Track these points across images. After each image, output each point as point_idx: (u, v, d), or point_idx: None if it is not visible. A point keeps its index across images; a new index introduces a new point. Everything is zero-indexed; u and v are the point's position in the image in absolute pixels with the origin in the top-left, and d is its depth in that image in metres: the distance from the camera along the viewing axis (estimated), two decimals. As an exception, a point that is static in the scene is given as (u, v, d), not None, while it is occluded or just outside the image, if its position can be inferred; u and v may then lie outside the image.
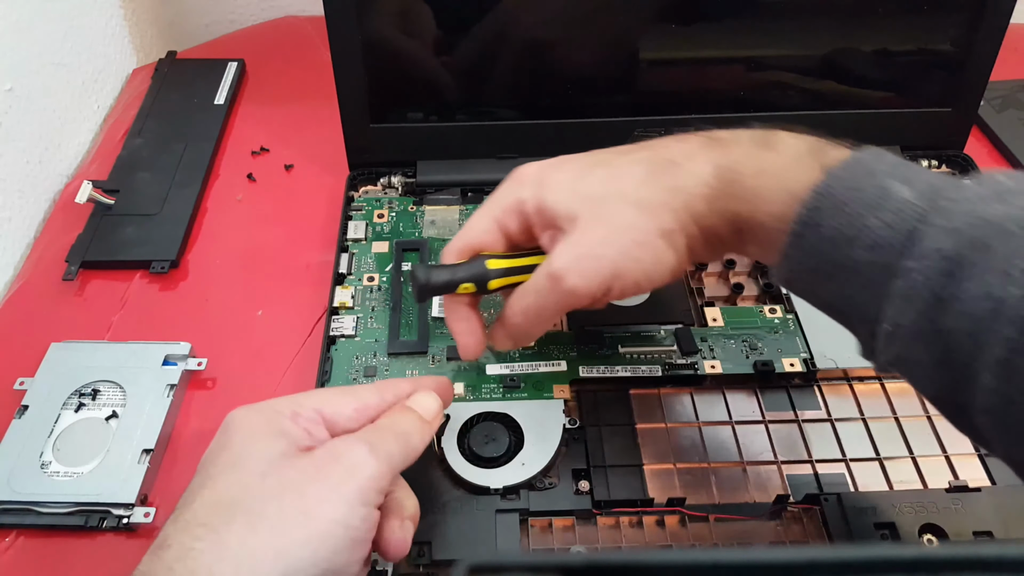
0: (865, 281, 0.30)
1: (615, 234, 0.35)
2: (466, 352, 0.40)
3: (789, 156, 0.33)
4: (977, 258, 0.27)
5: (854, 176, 0.31)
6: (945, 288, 0.27)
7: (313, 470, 0.30)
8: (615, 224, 0.35)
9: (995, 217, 0.27)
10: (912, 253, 0.28)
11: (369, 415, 0.34)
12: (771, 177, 0.33)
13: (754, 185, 0.33)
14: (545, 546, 0.39)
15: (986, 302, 0.26)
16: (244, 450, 0.31)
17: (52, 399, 0.43)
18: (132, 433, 0.42)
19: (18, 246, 0.54)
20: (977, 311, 0.26)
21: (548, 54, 0.52)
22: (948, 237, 0.28)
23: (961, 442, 0.42)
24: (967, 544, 0.38)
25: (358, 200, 0.55)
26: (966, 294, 0.27)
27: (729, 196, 0.34)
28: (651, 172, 0.35)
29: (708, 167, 0.35)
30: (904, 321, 0.28)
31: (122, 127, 0.62)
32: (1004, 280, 0.26)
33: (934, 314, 0.28)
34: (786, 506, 0.39)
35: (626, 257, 0.34)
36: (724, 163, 0.34)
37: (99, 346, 0.46)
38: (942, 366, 0.28)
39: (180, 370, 0.45)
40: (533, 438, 0.41)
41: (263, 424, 0.32)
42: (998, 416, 0.27)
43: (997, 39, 0.51)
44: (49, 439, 0.42)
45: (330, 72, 0.51)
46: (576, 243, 0.35)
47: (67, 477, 0.41)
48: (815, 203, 0.31)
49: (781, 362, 0.45)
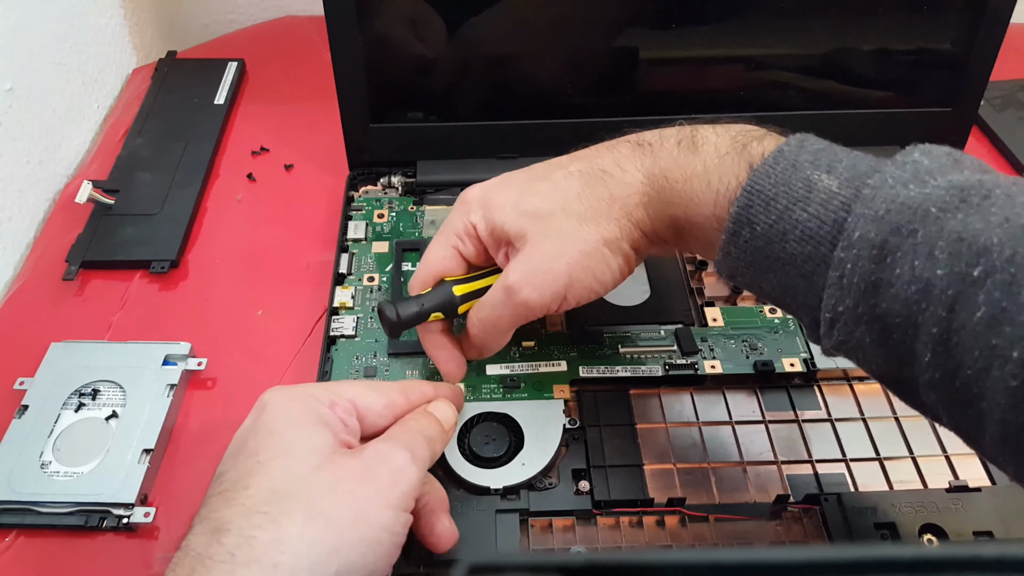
0: (802, 272, 0.31)
1: (562, 247, 0.36)
2: (449, 376, 0.42)
3: (714, 157, 0.34)
4: (903, 243, 0.28)
5: (780, 171, 0.32)
6: (875, 274, 0.28)
7: (364, 472, 0.31)
8: (561, 237, 0.37)
9: (915, 201, 0.28)
10: (841, 243, 0.29)
11: (396, 413, 0.36)
12: (699, 181, 0.34)
13: (684, 190, 0.35)
14: (545, 546, 0.39)
15: (916, 285, 0.27)
16: (294, 438, 0.32)
17: (52, 399, 0.43)
18: (132, 433, 0.42)
19: (18, 246, 0.54)
20: (908, 294, 0.28)
21: (548, 53, 0.52)
22: (873, 225, 0.29)
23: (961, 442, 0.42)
24: (967, 544, 0.38)
25: (358, 200, 0.55)
26: (897, 279, 0.28)
27: (663, 202, 0.36)
28: (587, 184, 0.37)
29: (639, 175, 0.36)
30: (842, 308, 0.30)
31: (122, 127, 0.62)
32: (930, 263, 0.27)
33: (869, 300, 0.29)
34: (786, 506, 0.39)
35: (576, 267, 0.36)
36: (654, 170, 0.36)
37: (99, 346, 0.46)
38: (884, 347, 0.29)
39: (180, 370, 0.45)
40: (533, 438, 0.41)
41: (304, 412, 0.33)
42: (941, 390, 0.28)
43: (997, 39, 0.51)
44: (49, 439, 0.42)
45: (330, 72, 0.51)
46: (527, 258, 0.37)
47: (67, 477, 0.41)
48: (745, 202, 0.32)
49: (781, 362, 0.45)
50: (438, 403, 0.37)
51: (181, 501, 0.41)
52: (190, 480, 0.42)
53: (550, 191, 0.38)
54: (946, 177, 0.29)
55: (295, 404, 0.33)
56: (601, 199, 0.37)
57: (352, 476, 0.31)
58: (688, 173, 0.35)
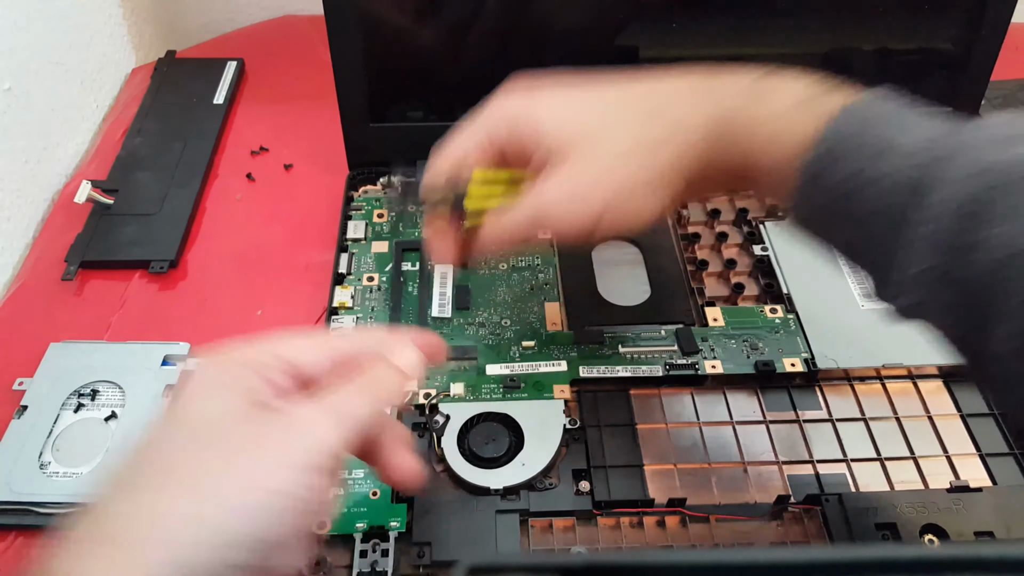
0: (877, 229, 0.30)
1: (609, 176, 0.34)
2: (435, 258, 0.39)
3: (788, 102, 0.33)
4: (990, 206, 0.27)
5: (859, 123, 0.31)
6: (961, 236, 0.28)
7: (259, 436, 0.28)
8: (610, 164, 0.34)
9: (1001, 164, 0.28)
10: (923, 202, 0.28)
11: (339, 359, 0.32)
12: (771, 126, 0.33)
13: (752, 133, 0.33)
14: (545, 547, 0.39)
15: (1006, 248, 0.27)
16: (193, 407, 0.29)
17: (51, 399, 0.43)
18: (131, 434, 0.42)
19: (17, 246, 0.54)
20: (997, 257, 0.27)
21: (548, 53, 0.52)
22: (958, 186, 0.28)
23: (962, 442, 0.42)
24: (968, 544, 0.38)
25: (358, 200, 0.55)
26: (985, 242, 0.27)
27: (727, 143, 0.34)
28: (648, 114, 0.35)
29: (706, 111, 0.34)
30: (918, 269, 0.29)
31: (121, 126, 0.62)
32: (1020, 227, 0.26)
33: (952, 261, 0.28)
34: (787, 506, 0.39)
35: (618, 199, 0.34)
36: (720, 110, 0.34)
37: (98, 346, 0.46)
38: (961, 310, 0.28)
39: (179, 371, 0.45)
40: (533, 438, 0.41)
41: (221, 380, 0.30)
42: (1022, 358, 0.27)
43: (998, 39, 0.51)
44: (48, 440, 0.42)
45: (330, 72, 0.51)
46: (568, 178, 0.34)
47: (66, 478, 0.40)
48: (821, 152, 0.31)
49: (782, 362, 0.45)
50: (402, 348, 0.33)
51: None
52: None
53: (608, 108, 0.35)
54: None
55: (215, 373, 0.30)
56: (662, 129, 0.34)
57: (246, 441, 0.28)
58: (760, 116, 0.33)
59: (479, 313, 0.48)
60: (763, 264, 0.50)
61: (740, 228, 0.53)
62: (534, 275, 0.50)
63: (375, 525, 0.38)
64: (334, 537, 0.38)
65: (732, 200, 0.55)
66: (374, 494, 0.39)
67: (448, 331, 0.47)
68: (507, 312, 0.48)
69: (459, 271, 0.50)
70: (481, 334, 0.47)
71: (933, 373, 0.45)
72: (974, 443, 0.42)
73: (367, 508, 0.39)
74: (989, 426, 0.43)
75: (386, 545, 0.37)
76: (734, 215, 0.54)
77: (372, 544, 0.37)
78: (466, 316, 0.48)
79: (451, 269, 0.50)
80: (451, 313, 0.48)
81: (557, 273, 0.50)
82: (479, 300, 0.48)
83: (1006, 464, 0.42)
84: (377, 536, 0.38)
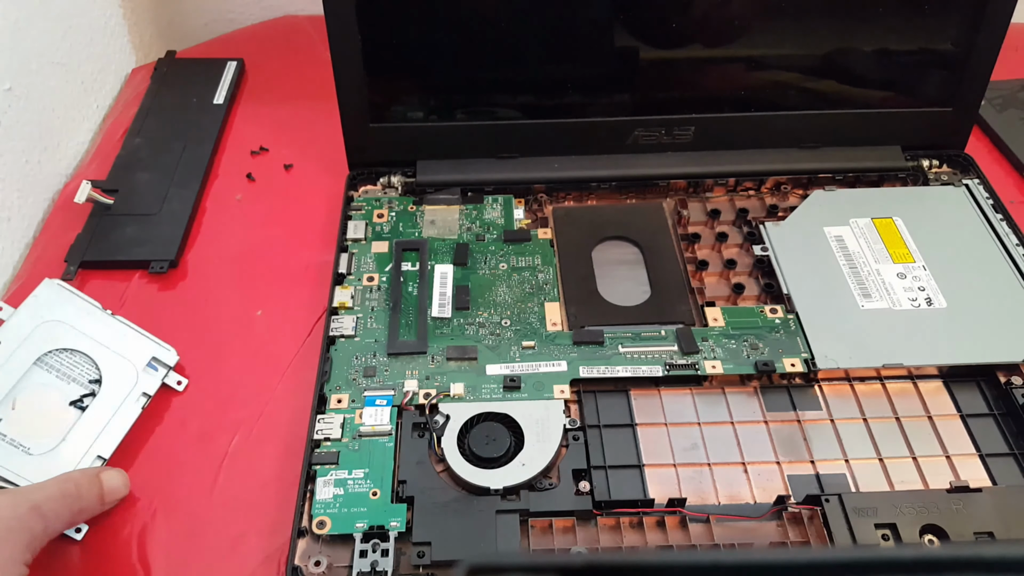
0: None
1: None
2: None
3: None
4: None
5: None
6: None
7: None
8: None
9: None
10: None
11: None
12: None
13: None
14: (545, 547, 0.39)
15: None
16: None
17: (28, 348, 0.41)
18: (93, 433, 0.41)
19: (17, 246, 0.54)
20: None
21: (548, 53, 0.52)
22: None
23: (962, 442, 0.42)
24: (968, 545, 0.38)
25: (358, 200, 0.55)
26: None
27: None
28: None
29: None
30: None
31: (121, 127, 0.62)
32: None
33: None
34: (787, 507, 0.39)
35: None
36: None
37: (93, 311, 0.45)
38: None
39: (159, 382, 0.44)
40: (533, 438, 0.41)
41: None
42: None
43: (998, 38, 0.51)
44: (10, 393, 0.40)
45: (330, 72, 0.51)
46: None
47: (12, 446, 0.39)
48: None
49: (782, 362, 0.45)
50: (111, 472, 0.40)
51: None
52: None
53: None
54: None
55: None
56: None
57: None
58: None
59: (479, 313, 0.48)
60: (763, 264, 0.50)
61: (740, 228, 0.53)
62: (534, 275, 0.50)
63: (375, 525, 0.38)
64: (334, 537, 0.38)
65: (732, 200, 0.55)
66: (374, 494, 0.39)
67: (448, 331, 0.47)
68: (507, 312, 0.48)
69: (459, 271, 0.50)
70: (481, 334, 0.47)
71: (933, 373, 0.45)
72: (974, 443, 0.42)
73: (367, 508, 0.39)
74: (989, 426, 0.43)
75: (386, 545, 0.37)
76: (734, 215, 0.54)
77: (372, 544, 0.37)
78: (466, 316, 0.48)
79: (451, 269, 0.50)
80: (451, 313, 0.48)
81: (557, 273, 0.50)
82: (479, 300, 0.48)
83: (1006, 464, 0.42)
84: (377, 536, 0.38)
